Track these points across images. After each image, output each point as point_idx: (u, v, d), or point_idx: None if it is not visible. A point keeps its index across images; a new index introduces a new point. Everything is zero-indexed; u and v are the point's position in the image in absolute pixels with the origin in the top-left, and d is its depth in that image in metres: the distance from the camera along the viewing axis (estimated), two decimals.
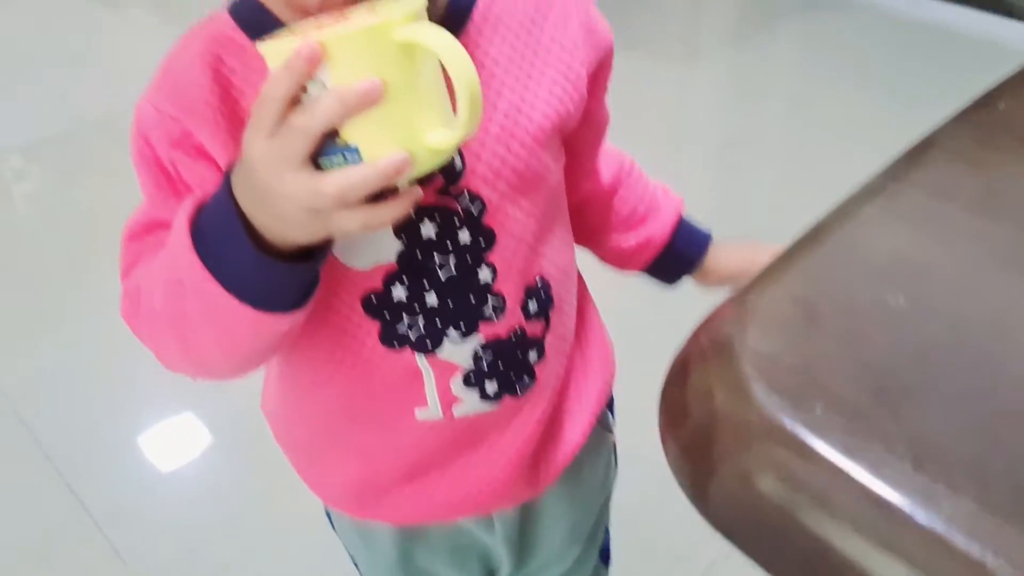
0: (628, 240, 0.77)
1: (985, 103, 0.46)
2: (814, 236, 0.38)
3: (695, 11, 3.26)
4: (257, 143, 0.45)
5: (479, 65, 0.52)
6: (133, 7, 3.22)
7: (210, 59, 0.54)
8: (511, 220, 0.59)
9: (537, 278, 0.63)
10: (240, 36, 0.54)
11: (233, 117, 0.54)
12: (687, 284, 0.83)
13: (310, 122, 0.43)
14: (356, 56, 0.42)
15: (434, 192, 0.56)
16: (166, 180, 0.56)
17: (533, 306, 0.63)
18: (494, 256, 0.59)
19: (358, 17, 0.45)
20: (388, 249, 0.57)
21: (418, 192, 0.48)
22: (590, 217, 0.76)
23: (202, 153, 0.54)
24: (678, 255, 0.79)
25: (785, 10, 3.06)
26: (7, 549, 1.43)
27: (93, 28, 3.04)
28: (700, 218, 0.83)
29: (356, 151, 0.43)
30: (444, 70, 0.44)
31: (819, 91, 2.63)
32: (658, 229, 0.78)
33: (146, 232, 0.58)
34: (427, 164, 0.45)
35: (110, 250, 1.67)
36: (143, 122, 0.55)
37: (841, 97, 2.58)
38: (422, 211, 0.56)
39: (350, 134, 0.43)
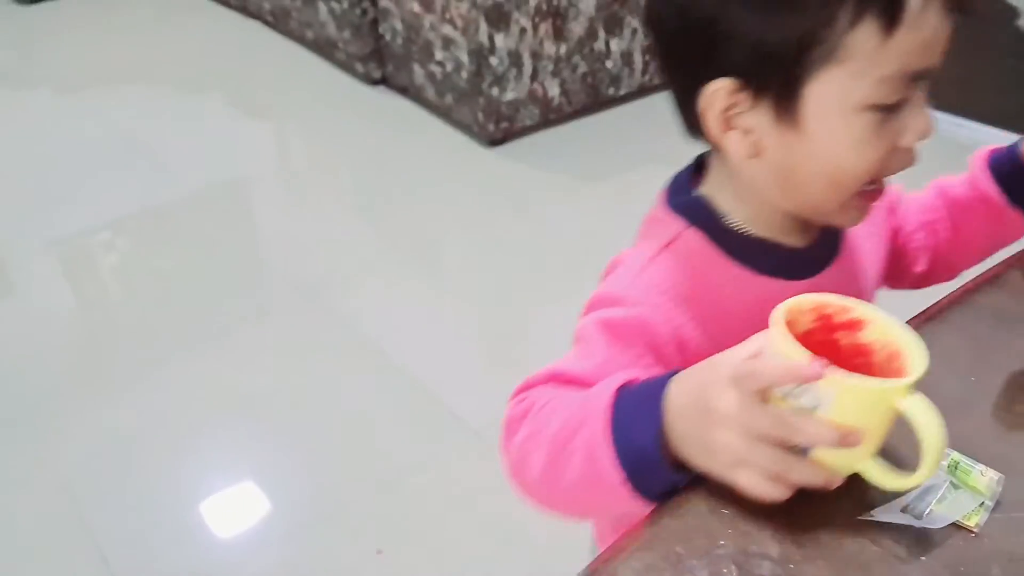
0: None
1: None
2: None
3: None
4: (730, 398, 0.49)
5: (859, 247, 0.70)
6: (213, 97, 3.31)
7: (695, 275, 0.63)
8: None
9: None
10: (710, 249, 0.64)
11: (721, 317, 0.62)
12: None
13: (795, 437, 0.48)
14: (853, 396, 0.48)
15: None
16: (632, 359, 0.61)
17: None
18: None
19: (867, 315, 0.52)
20: None
21: (835, 480, 0.51)
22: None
23: (682, 350, 0.62)
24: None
25: None
26: None
27: (177, 114, 3.17)
28: None
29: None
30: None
31: None
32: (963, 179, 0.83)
33: (566, 382, 0.62)
34: (845, 474, 0.51)
35: (187, 315, 1.90)
36: (654, 318, 0.61)
37: None
38: None
39: (815, 451, 0.49)
